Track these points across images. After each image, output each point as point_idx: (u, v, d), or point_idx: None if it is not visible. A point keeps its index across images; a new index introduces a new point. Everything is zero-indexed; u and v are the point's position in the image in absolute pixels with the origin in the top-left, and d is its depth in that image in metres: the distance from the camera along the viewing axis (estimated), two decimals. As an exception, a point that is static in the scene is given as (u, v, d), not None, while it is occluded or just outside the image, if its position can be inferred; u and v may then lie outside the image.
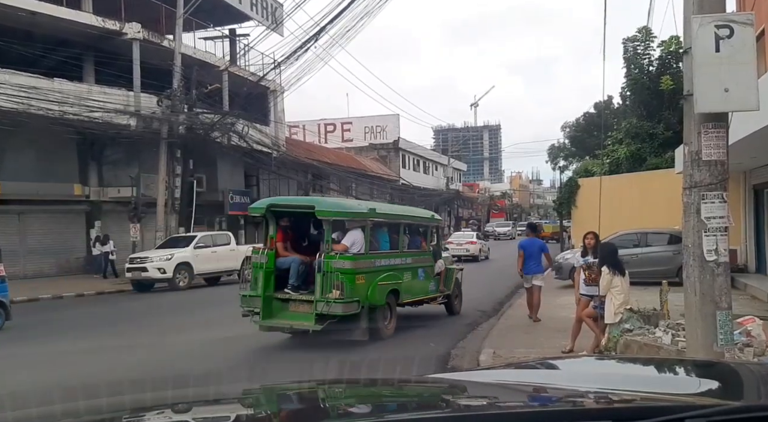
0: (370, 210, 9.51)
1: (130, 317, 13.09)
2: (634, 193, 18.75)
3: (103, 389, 3.90)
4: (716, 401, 1.60)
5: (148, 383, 5.43)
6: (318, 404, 1.94)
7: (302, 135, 42.70)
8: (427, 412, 1.67)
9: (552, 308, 12.28)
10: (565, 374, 2.11)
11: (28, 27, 18.81)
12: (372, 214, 9.39)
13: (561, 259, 16.08)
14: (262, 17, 28.78)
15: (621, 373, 2.06)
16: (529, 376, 2.08)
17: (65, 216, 21.93)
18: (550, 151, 51.00)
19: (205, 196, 25.12)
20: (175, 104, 20.98)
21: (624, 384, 1.74)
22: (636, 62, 22.95)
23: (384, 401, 1.91)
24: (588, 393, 1.67)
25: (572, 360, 2.50)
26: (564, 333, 9.07)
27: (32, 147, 19.82)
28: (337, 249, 8.71)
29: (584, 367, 2.27)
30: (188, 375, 5.97)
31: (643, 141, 22.80)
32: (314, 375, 6.29)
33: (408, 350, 8.33)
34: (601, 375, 1.99)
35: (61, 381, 6.45)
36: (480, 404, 1.78)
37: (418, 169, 52.36)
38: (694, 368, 2.23)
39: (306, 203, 10.12)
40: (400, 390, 2.08)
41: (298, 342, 8.93)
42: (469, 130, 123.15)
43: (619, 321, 6.98)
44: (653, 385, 1.75)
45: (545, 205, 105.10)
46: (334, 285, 8.35)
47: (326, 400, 1.96)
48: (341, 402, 1.91)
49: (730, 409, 1.41)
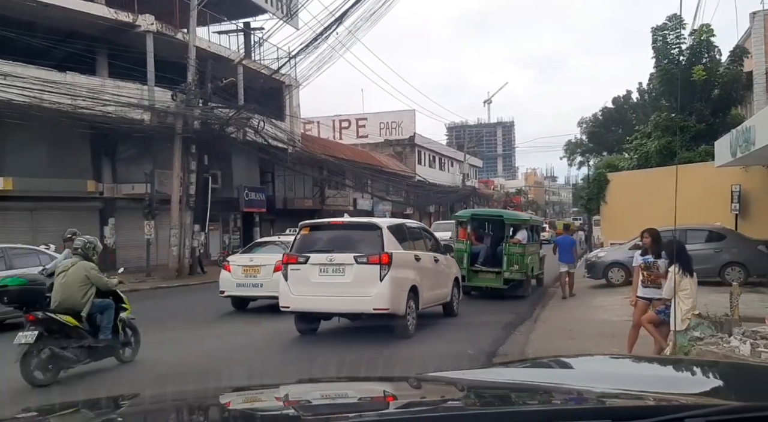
0: (530, 218, 16.63)
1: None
2: (669, 187, 17.87)
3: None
4: (716, 401, 1.59)
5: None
6: (315, 402, 1.92)
7: (317, 131, 42.15)
8: (425, 411, 1.66)
9: (590, 310, 11.59)
10: (564, 373, 2.12)
11: (40, 19, 18.34)
12: (531, 220, 15.59)
13: (594, 258, 15.32)
14: (276, 9, 28.21)
15: (621, 373, 2.06)
16: (528, 375, 2.08)
17: (78, 213, 21.44)
18: (566, 147, 50.12)
19: (220, 192, 24.60)
20: (189, 98, 20.45)
21: (623, 384, 1.74)
22: (666, 52, 22.01)
23: (383, 400, 1.91)
24: (587, 392, 1.68)
25: (571, 360, 2.48)
26: (611, 339, 8.37)
27: (45, 142, 19.36)
28: (514, 241, 13.49)
29: (583, 366, 2.27)
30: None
31: (673, 134, 21.87)
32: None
33: (446, 360, 7.67)
34: (601, 375, 2.01)
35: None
36: (478, 403, 1.79)
37: (434, 165, 51.61)
38: (693, 368, 2.24)
39: (497, 213, 16.51)
40: (399, 389, 2.07)
41: (339, 339, 9.00)
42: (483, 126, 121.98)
43: (687, 328, 6.26)
44: (653, 385, 1.74)
45: (560, 201, 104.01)
46: (514, 262, 13.19)
47: (323, 399, 1.96)
48: (341, 401, 1.90)
49: (729, 409, 1.42)
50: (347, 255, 8.65)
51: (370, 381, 2.39)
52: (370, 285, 8.48)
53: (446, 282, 10.66)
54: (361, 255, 8.60)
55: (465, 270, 12.76)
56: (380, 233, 8.82)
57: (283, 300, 8.95)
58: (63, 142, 19.84)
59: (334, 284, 8.65)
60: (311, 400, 1.96)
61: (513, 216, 15.73)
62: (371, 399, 1.92)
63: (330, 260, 8.70)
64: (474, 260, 13.62)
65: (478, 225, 14.67)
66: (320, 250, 8.86)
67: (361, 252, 8.65)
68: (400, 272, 8.77)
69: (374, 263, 8.54)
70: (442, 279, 10.51)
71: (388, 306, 8.47)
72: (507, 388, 1.86)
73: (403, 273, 8.89)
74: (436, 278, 10.14)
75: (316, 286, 8.71)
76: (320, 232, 9.42)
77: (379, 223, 9.28)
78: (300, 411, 1.79)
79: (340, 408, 1.80)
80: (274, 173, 30.49)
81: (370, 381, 2.39)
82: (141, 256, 21.04)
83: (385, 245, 8.68)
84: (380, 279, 8.46)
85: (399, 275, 8.71)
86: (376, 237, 8.80)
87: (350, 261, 8.62)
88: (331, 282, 8.67)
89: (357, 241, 8.97)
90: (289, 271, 8.91)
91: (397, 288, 8.63)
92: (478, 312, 11.51)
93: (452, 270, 11.14)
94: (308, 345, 8.84)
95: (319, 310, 8.98)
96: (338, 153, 34.62)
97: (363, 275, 8.56)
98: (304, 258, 8.84)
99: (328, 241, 9.09)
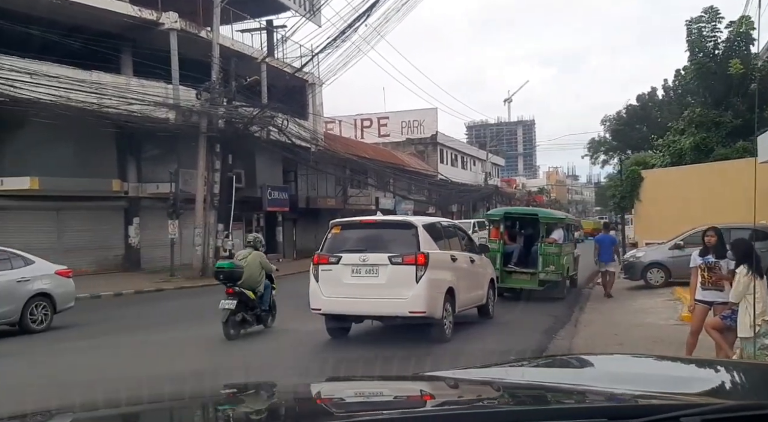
0: (566, 216, 16.06)
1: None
2: (707, 185, 17.22)
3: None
4: (712, 399, 1.59)
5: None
6: (311, 402, 1.94)
7: (338, 130, 41.92)
8: (423, 411, 1.67)
9: (632, 313, 11.11)
10: (562, 372, 2.13)
11: (65, 18, 18.27)
12: (566, 220, 15.42)
13: (631, 258, 14.78)
14: (298, 6, 28.00)
15: (618, 371, 2.06)
16: (526, 374, 2.09)
17: (103, 213, 21.43)
18: (590, 145, 49.25)
19: (243, 191, 24.43)
20: (214, 97, 20.28)
21: (621, 383, 1.73)
22: (701, 45, 21.30)
23: (382, 399, 1.93)
24: (584, 391, 1.70)
25: (569, 359, 2.48)
26: (662, 344, 7.91)
27: (70, 142, 19.31)
28: (550, 240, 12.97)
29: (582, 366, 2.29)
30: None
31: (708, 130, 21.17)
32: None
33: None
34: (599, 374, 2.04)
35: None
36: (476, 402, 1.79)
37: (456, 164, 51.09)
38: (691, 367, 2.25)
39: (531, 211, 15.97)
40: (397, 388, 2.09)
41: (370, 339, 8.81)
42: (503, 125, 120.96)
43: (757, 335, 5.77)
44: (650, 384, 1.74)
45: (583, 200, 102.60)
46: (550, 262, 12.68)
47: (321, 398, 1.97)
48: (340, 401, 1.92)
49: (725, 407, 1.43)
50: (381, 255, 8.29)
51: (389, 381, 2.44)
52: (405, 286, 8.12)
53: (482, 284, 10.26)
54: (396, 255, 8.24)
55: (498, 271, 12.24)
56: (415, 232, 8.45)
57: (314, 302, 8.63)
58: (88, 142, 19.79)
59: (367, 285, 8.30)
60: (344, 398, 1.98)
61: (548, 214, 15.13)
62: (396, 398, 1.94)
63: (363, 260, 8.34)
64: (507, 260, 13.12)
65: (510, 224, 14.05)
66: (352, 250, 8.50)
67: (395, 252, 8.29)
68: (437, 273, 8.40)
69: (410, 263, 8.17)
70: (478, 280, 10.12)
71: (424, 309, 8.10)
72: (503, 387, 1.86)
73: (440, 274, 8.51)
74: (472, 279, 9.75)
75: (349, 288, 8.37)
76: (352, 231, 9.06)
77: (414, 222, 8.90)
78: (332, 408, 1.80)
79: (370, 406, 1.82)
80: (297, 172, 30.28)
81: (389, 381, 2.44)
82: (165, 256, 20.94)
83: (421, 244, 8.31)
84: (416, 281, 8.09)
85: (436, 276, 8.33)
86: (410, 237, 8.44)
87: (384, 262, 8.26)
88: (364, 284, 8.32)
89: (391, 241, 8.60)
90: (320, 272, 8.59)
91: (434, 290, 8.26)
92: (514, 314, 11.07)
93: (488, 271, 10.74)
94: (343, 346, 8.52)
95: (351, 313, 8.63)
96: (361, 152, 34.33)
97: (398, 276, 8.20)
98: (335, 258, 8.50)
99: (361, 241, 8.73)
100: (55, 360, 8.20)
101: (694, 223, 14.65)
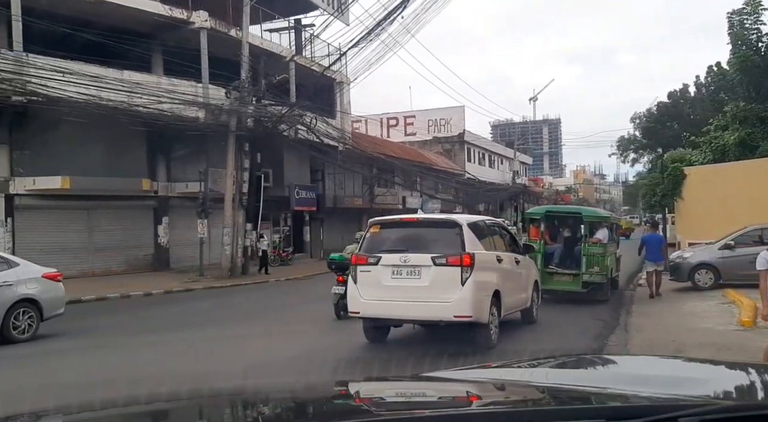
0: (611, 215, 15.69)
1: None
2: (752, 182, 16.47)
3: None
4: (710, 400, 1.55)
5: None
6: (311, 403, 1.93)
7: (364, 128, 41.66)
8: (422, 410, 1.66)
9: (684, 317, 10.54)
10: (561, 373, 2.12)
11: (95, 17, 18.28)
12: (611, 218, 14.67)
13: (678, 258, 14.14)
14: (327, 5, 27.76)
15: (617, 372, 2.08)
16: (525, 375, 2.08)
17: (133, 212, 21.43)
18: (618, 143, 48.21)
19: (271, 191, 24.29)
20: (243, 95, 20.12)
21: (619, 383, 1.74)
22: (743, 38, 20.45)
23: (381, 399, 1.94)
24: (582, 392, 1.70)
25: (568, 360, 2.40)
26: (727, 351, 7.38)
27: (101, 141, 19.30)
28: (594, 240, 12.48)
29: (582, 366, 2.28)
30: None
31: (753, 125, 20.32)
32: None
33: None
34: (597, 375, 2.06)
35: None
36: (475, 402, 1.79)
37: (484, 163, 50.45)
38: (690, 367, 2.25)
39: (574, 210, 15.06)
40: (397, 387, 2.09)
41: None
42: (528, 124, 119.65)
43: None
44: (649, 384, 1.72)
45: (611, 199, 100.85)
46: (594, 263, 12.09)
47: (321, 398, 1.98)
48: (341, 401, 1.93)
49: (723, 408, 1.42)
50: (423, 255, 7.88)
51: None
52: (450, 289, 7.69)
53: (526, 286, 9.80)
54: (440, 255, 7.81)
55: (540, 273, 11.57)
56: (459, 231, 8.02)
57: (353, 305, 8.25)
58: (119, 141, 19.78)
59: (408, 288, 7.89)
60: (384, 397, 1.98)
61: (592, 213, 14.49)
62: (369, 399, 1.94)
63: (404, 261, 7.93)
64: (548, 261, 12.55)
65: (550, 223, 13.42)
66: (392, 250, 8.08)
67: (438, 252, 7.86)
68: (483, 275, 7.96)
69: (454, 265, 7.74)
70: (523, 282, 9.66)
71: (470, 313, 7.67)
72: (502, 387, 1.86)
73: (486, 276, 8.08)
74: (517, 281, 9.30)
75: (389, 290, 7.97)
76: (392, 230, 8.65)
77: (458, 220, 8.44)
78: (371, 407, 1.81)
79: (339, 408, 1.82)
80: (324, 171, 30.06)
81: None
82: (194, 255, 20.88)
83: (466, 245, 7.87)
84: (462, 283, 7.66)
85: (482, 278, 7.90)
86: (454, 236, 8.00)
87: (427, 263, 7.84)
88: (405, 286, 7.91)
89: (433, 240, 8.18)
90: (359, 273, 8.20)
91: (480, 293, 7.83)
92: (558, 318, 10.58)
93: (531, 272, 10.27)
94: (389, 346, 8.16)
95: (391, 317, 8.23)
96: (388, 150, 33.99)
97: (442, 278, 7.78)
98: (374, 258, 8.10)
99: (401, 240, 8.31)
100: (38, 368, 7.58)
101: (737, 222, 14.00)
